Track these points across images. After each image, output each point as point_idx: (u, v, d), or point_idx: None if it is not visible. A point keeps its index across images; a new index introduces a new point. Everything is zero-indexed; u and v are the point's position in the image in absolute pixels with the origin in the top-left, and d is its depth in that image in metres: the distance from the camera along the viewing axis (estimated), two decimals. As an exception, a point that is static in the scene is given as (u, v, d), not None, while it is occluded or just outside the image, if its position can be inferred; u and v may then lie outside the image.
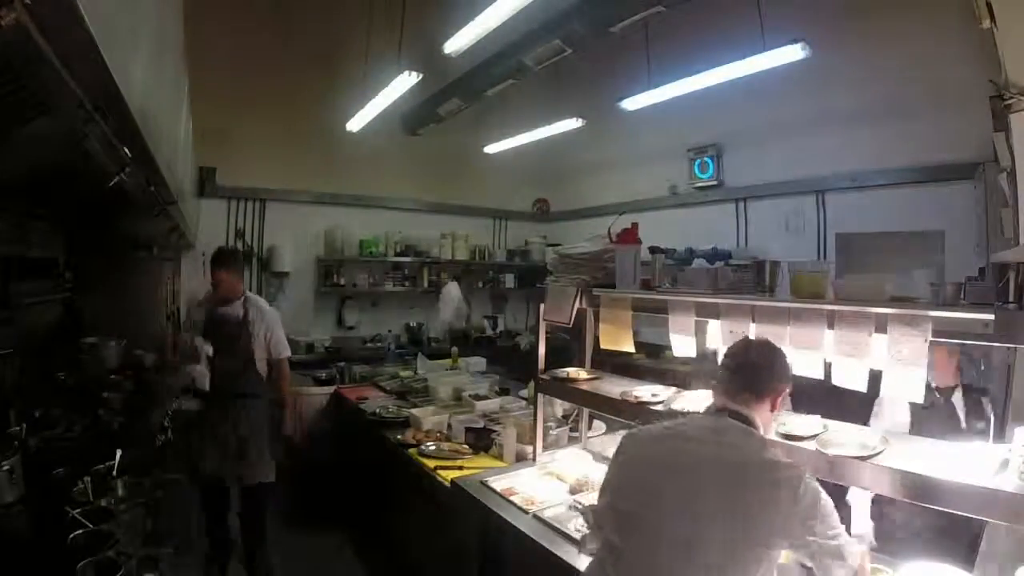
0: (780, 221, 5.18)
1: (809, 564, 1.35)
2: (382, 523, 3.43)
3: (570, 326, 2.53)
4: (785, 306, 1.73)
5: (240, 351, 3.13)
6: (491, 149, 6.31)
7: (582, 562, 1.82)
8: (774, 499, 1.27)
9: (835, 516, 1.31)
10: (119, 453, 2.10)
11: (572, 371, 2.64)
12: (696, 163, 5.89)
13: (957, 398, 2.55)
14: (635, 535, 1.39)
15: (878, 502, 2.40)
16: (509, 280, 7.59)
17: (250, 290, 6.02)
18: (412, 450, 2.99)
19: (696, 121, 5.40)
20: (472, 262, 7.28)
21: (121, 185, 1.68)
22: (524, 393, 3.81)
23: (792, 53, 3.31)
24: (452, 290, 6.20)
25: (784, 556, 1.50)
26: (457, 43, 3.36)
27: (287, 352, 3.32)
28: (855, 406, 2.05)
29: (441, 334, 6.82)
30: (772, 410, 1.49)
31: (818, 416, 1.74)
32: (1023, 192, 2.63)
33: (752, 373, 1.48)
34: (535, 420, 2.71)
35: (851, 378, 1.58)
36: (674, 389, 2.25)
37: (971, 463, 1.36)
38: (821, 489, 1.31)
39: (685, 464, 1.39)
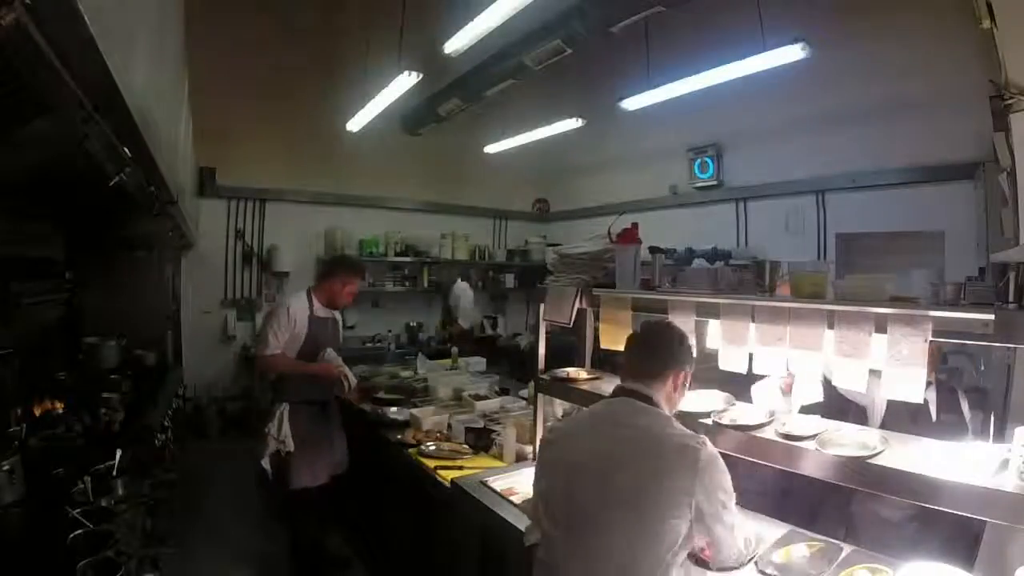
0: (780, 221, 5.18)
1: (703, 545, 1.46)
2: (382, 523, 3.43)
3: (570, 326, 2.53)
4: (785, 306, 1.73)
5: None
6: (491, 149, 6.32)
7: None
8: (671, 467, 1.33)
9: (733, 507, 1.41)
10: (119, 453, 2.10)
11: (572, 371, 2.64)
12: (696, 163, 5.89)
13: (930, 392, 2.54)
14: (555, 520, 1.47)
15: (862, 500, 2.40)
16: (509, 280, 7.59)
17: (250, 290, 6.12)
18: (412, 450, 2.99)
19: (696, 121, 5.40)
20: (472, 262, 7.28)
21: (121, 185, 1.69)
22: (524, 393, 3.81)
23: (792, 53, 3.31)
24: (463, 287, 6.27)
25: None
26: (457, 43, 3.36)
27: None
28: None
29: (468, 323, 6.78)
30: (675, 390, 1.57)
31: (818, 416, 1.74)
32: (1023, 192, 2.63)
33: (650, 354, 1.58)
34: (535, 420, 2.71)
35: (851, 378, 1.58)
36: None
37: (971, 463, 1.36)
38: (723, 466, 1.38)
39: (591, 448, 1.46)
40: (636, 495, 1.33)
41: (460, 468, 2.72)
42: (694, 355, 1.69)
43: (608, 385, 2.44)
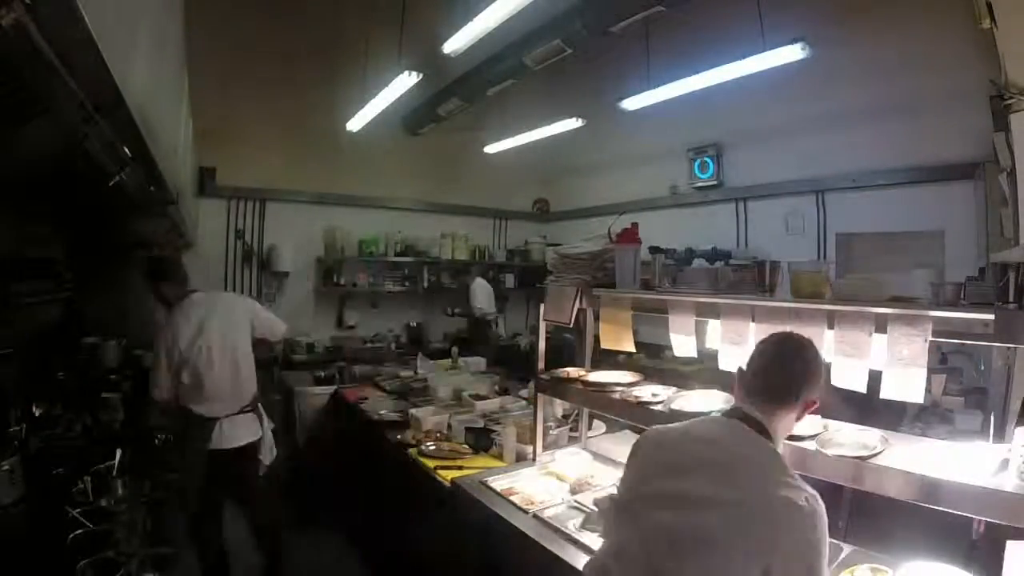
0: (780, 221, 5.18)
1: None
2: (382, 523, 3.43)
3: (570, 326, 2.53)
4: (785, 306, 1.73)
5: None
6: (491, 149, 6.32)
7: (581, 561, 1.82)
8: (780, 526, 1.13)
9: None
10: (119, 453, 2.10)
11: (572, 371, 2.64)
12: (696, 163, 5.89)
13: None
14: (631, 531, 1.32)
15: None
16: (509, 280, 7.58)
17: (250, 290, 6.11)
18: (412, 450, 2.99)
19: (696, 121, 5.40)
20: (472, 262, 7.28)
21: (121, 185, 1.69)
22: (524, 393, 3.81)
23: (792, 53, 3.31)
24: (482, 283, 6.33)
25: None
26: (457, 43, 3.35)
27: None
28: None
29: (484, 316, 6.69)
30: (798, 418, 1.34)
31: (818, 416, 1.74)
32: (1023, 192, 2.63)
33: (777, 377, 1.32)
34: (535, 420, 2.71)
35: (851, 378, 1.58)
36: (674, 389, 2.25)
37: (971, 463, 1.36)
38: (824, 525, 1.16)
39: (685, 465, 1.29)
40: (737, 545, 1.15)
41: (460, 468, 2.72)
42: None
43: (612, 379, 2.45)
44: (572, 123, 5.23)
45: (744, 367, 1.39)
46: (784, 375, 1.31)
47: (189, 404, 2.76)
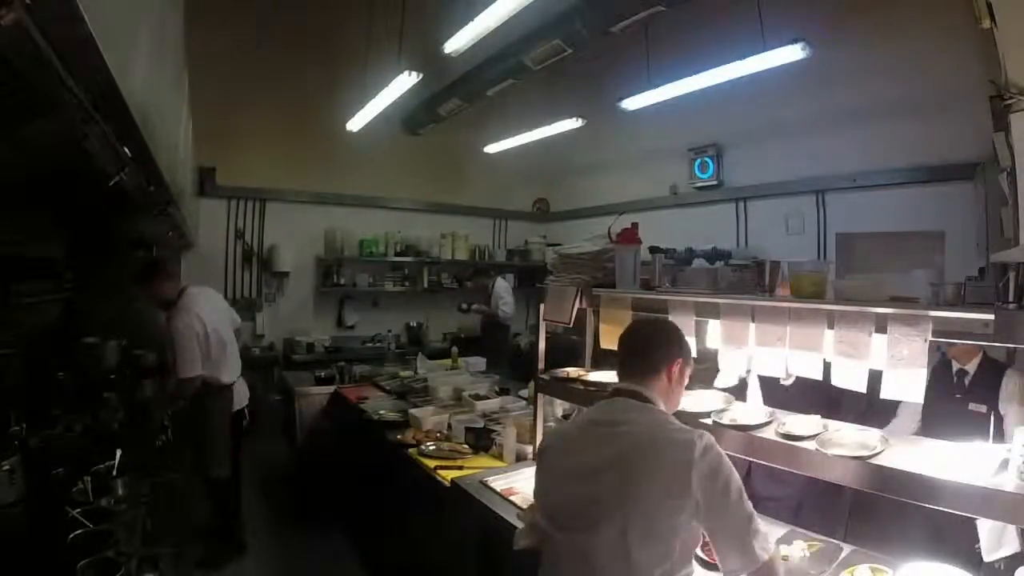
0: (780, 221, 5.18)
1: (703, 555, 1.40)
2: (382, 523, 3.43)
3: (570, 326, 2.53)
4: (785, 306, 1.73)
5: None
6: (491, 149, 6.32)
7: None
8: (665, 461, 1.30)
9: (745, 500, 1.29)
10: (119, 453, 2.10)
11: (572, 371, 2.64)
12: (696, 163, 5.89)
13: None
14: (554, 523, 1.45)
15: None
16: (509, 280, 7.58)
17: (250, 290, 6.12)
18: (412, 450, 2.98)
19: (696, 121, 5.40)
20: (472, 262, 7.28)
21: (121, 185, 1.68)
22: (524, 393, 3.81)
23: (792, 53, 3.31)
24: (503, 283, 6.34)
25: None
26: (457, 43, 3.35)
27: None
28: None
29: (506, 317, 6.47)
30: (671, 383, 1.53)
31: (818, 416, 1.74)
32: (1023, 192, 2.63)
33: (641, 351, 1.55)
34: (535, 420, 2.71)
35: (851, 378, 1.58)
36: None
37: (971, 463, 1.36)
38: (726, 458, 1.31)
39: (584, 449, 1.44)
40: (630, 494, 1.30)
41: (460, 468, 2.72)
42: (690, 348, 1.65)
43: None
44: (572, 123, 5.23)
45: (618, 354, 1.61)
46: (643, 353, 1.55)
47: (215, 374, 3.35)
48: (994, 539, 1.96)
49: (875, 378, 1.54)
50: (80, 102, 1.12)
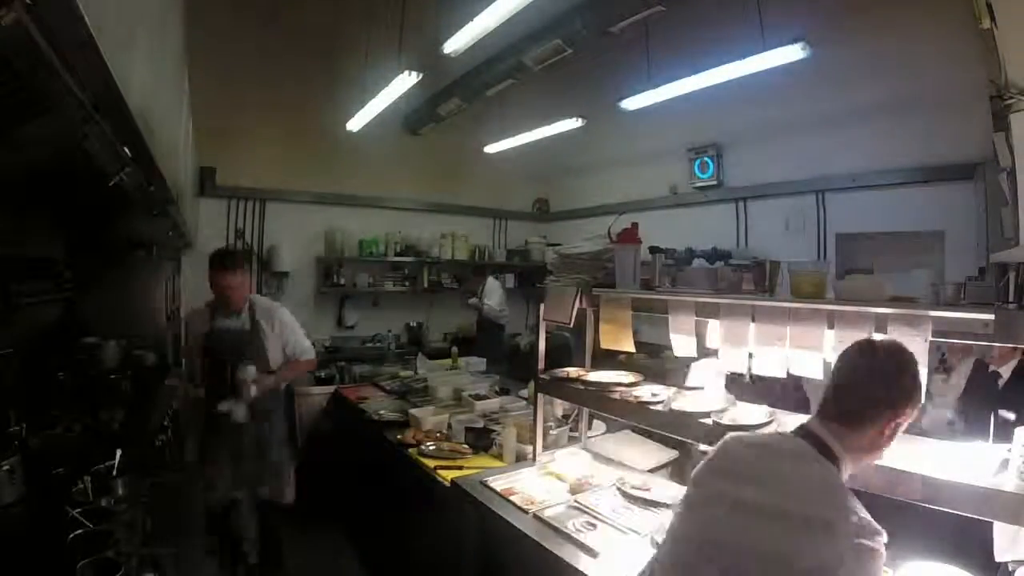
0: (780, 221, 5.18)
1: None
2: (382, 523, 3.43)
3: (570, 326, 2.53)
4: (785, 306, 1.73)
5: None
6: (491, 149, 6.31)
7: (582, 562, 1.83)
8: (804, 544, 1.04)
9: None
10: (119, 453, 2.10)
11: (572, 371, 2.64)
12: (696, 163, 5.89)
13: None
14: (678, 547, 1.25)
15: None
16: (509, 280, 7.58)
17: (250, 290, 6.09)
18: (412, 450, 2.98)
19: (696, 121, 5.40)
20: (472, 262, 7.28)
21: (121, 185, 1.68)
22: (524, 393, 3.81)
23: (792, 53, 3.31)
24: (494, 282, 6.35)
25: None
26: (457, 43, 3.35)
27: (310, 354, 3.21)
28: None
29: (497, 317, 6.58)
30: (882, 437, 1.20)
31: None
32: (1023, 192, 2.63)
33: (850, 390, 1.19)
34: (535, 420, 2.71)
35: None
36: (674, 389, 2.25)
37: (971, 463, 1.36)
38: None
39: (744, 478, 1.19)
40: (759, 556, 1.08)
41: (460, 468, 2.72)
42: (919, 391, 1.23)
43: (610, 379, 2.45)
44: (572, 123, 5.23)
45: (831, 379, 1.26)
46: (857, 396, 1.17)
47: None
48: (1007, 539, 1.96)
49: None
50: (80, 102, 1.12)
